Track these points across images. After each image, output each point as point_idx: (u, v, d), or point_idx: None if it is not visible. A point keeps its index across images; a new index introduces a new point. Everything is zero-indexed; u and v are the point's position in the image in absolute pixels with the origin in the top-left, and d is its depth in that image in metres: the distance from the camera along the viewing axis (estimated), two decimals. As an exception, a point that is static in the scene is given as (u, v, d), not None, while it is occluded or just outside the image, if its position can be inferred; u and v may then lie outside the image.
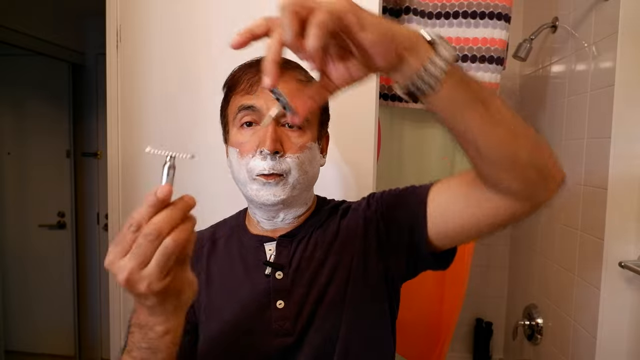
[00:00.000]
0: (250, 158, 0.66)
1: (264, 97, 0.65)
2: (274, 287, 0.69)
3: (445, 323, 1.38)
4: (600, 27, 1.21)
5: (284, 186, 0.66)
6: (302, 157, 0.67)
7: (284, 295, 0.68)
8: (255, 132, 0.67)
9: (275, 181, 0.66)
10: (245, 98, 0.67)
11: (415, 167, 1.35)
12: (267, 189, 0.66)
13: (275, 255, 0.71)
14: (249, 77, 0.67)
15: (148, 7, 1.10)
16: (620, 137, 1.11)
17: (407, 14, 1.23)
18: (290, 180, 0.67)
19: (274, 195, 0.66)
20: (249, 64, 0.70)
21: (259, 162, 0.65)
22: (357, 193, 1.05)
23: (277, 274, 0.69)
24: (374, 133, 1.04)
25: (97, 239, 2.70)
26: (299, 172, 0.67)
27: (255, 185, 0.67)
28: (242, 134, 0.68)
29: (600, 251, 1.15)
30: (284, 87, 0.60)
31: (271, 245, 0.72)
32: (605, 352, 1.15)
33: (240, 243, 0.75)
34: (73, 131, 2.62)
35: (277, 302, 0.68)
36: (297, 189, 0.68)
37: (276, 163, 0.65)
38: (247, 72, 0.68)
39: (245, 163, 0.67)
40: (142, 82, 1.12)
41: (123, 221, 1.15)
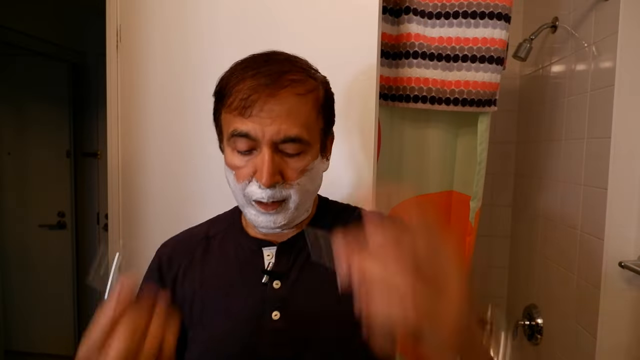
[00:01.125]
0: (247, 184, 0.62)
1: (259, 122, 0.59)
2: (270, 297, 0.65)
3: (445, 323, 1.37)
4: (600, 27, 1.21)
5: (285, 213, 0.63)
6: (303, 181, 0.63)
7: (280, 306, 0.65)
8: (251, 159, 0.61)
9: (276, 210, 0.62)
10: (238, 121, 0.60)
11: (415, 167, 1.35)
12: (267, 217, 0.62)
13: (274, 263, 0.67)
14: (242, 95, 0.59)
15: (148, 7, 1.10)
16: (620, 137, 1.11)
17: (407, 14, 1.23)
18: (292, 205, 0.63)
19: (274, 222, 0.63)
20: (241, 72, 0.61)
21: (256, 190, 0.61)
22: (357, 193, 1.05)
23: (274, 283, 0.66)
24: (374, 133, 1.04)
25: (97, 239, 2.70)
26: (300, 196, 0.63)
27: (254, 210, 0.63)
28: (237, 158, 0.62)
29: (600, 251, 1.15)
30: (282, 106, 0.58)
31: (270, 250, 0.69)
32: (605, 352, 1.15)
33: (237, 245, 0.71)
34: (73, 131, 2.62)
35: (273, 313, 0.65)
36: (299, 210, 0.64)
37: (275, 192, 0.61)
38: (238, 88, 0.60)
39: (242, 188, 0.63)
40: (142, 82, 1.12)
41: (123, 221, 1.16)
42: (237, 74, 0.61)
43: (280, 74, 0.59)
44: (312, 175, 0.64)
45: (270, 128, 0.59)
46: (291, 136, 0.60)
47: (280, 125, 0.59)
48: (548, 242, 1.53)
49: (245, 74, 0.60)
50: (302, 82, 0.61)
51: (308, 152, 0.63)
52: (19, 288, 2.65)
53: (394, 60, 1.27)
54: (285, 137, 0.59)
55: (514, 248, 1.90)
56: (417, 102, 1.25)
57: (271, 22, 1.04)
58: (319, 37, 1.03)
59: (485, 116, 1.27)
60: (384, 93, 1.27)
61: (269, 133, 0.59)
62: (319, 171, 0.67)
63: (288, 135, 0.59)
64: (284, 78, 0.59)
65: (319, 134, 0.65)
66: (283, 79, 0.59)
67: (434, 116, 1.32)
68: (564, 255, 1.39)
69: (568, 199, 1.37)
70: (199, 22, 1.08)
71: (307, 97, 0.61)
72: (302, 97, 0.61)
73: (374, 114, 1.04)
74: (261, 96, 0.58)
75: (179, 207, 1.12)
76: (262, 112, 0.58)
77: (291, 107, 0.59)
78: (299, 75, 0.61)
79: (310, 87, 0.63)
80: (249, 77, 0.60)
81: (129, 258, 1.17)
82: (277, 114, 0.58)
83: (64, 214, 2.63)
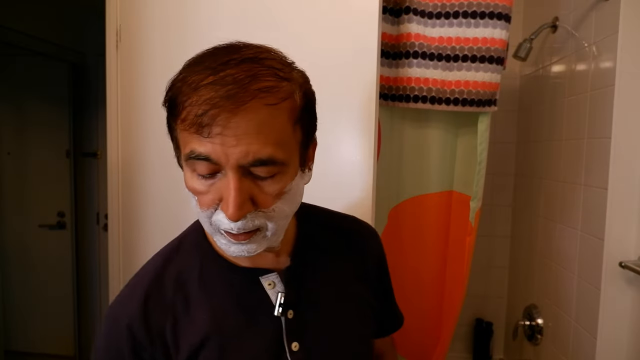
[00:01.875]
0: (213, 212, 0.51)
1: (221, 142, 0.47)
2: (288, 329, 0.59)
3: (445, 323, 1.38)
4: (600, 27, 1.21)
5: (260, 241, 0.53)
6: (279, 205, 0.52)
7: (299, 335, 0.60)
8: (215, 183, 0.50)
9: (249, 240, 0.52)
10: (195, 141, 0.48)
11: (415, 167, 1.35)
12: (239, 246, 0.52)
13: (286, 291, 0.60)
14: (197, 109, 0.46)
15: (148, 7, 1.10)
16: (620, 137, 1.11)
17: (407, 14, 1.23)
18: (268, 233, 0.53)
19: (248, 252, 0.53)
20: (196, 76, 0.48)
21: (223, 219, 0.50)
22: (357, 193, 1.05)
23: (288, 313, 0.60)
24: (374, 133, 1.04)
25: (97, 239, 2.69)
26: (277, 222, 0.53)
27: (224, 240, 0.53)
28: (197, 182, 0.51)
29: (600, 251, 1.15)
30: (249, 121, 0.47)
31: (269, 279, 0.60)
32: (605, 352, 1.15)
33: (225, 281, 0.60)
34: (73, 131, 2.62)
35: (293, 345, 0.59)
36: (276, 235, 0.55)
37: (247, 222, 0.50)
38: (193, 100, 0.47)
39: (207, 216, 0.52)
40: (142, 82, 1.12)
41: (123, 221, 1.16)
42: (191, 79, 0.48)
43: (248, 79, 0.47)
44: (291, 196, 0.54)
45: (236, 150, 0.47)
46: (262, 158, 0.48)
47: (248, 145, 0.47)
48: (548, 242, 1.53)
49: (200, 82, 0.47)
50: (274, 89, 0.49)
51: (285, 173, 0.52)
52: (19, 288, 2.65)
53: (394, 60, 1.27)
54: (255, 160, 0.48)
55: (514, 248, 1.90)
56: (417, 102, 1.25)
57: (271, 22, 1.04)
58: (319, 37, 1.03)
59: (485, 116, 1.27)
60: (384, 93, 1.27)
61: (235, 156, 0.47)
62: (298, 189, 0.56)
63: (258, 157, 0.48)
64: (251, 85, 0.47)
65: (297, 149, 0.54)
66: (250, 87, 0.47)
67: (434, 116, 1.32)
68: (564, 255, 1.39)
69: (568, 199, 1.37)
70: (198, 22, 1.08)
71: (280, 107, 0.49)
72: (274, 108, 0.48)
73: (374, 114, 1.03)
74: (222, 111, 0.46)
75: (178, 207, 1.12)
76: (225, 130, 0.46)
77: (261, 121, 0.47)
78: (269, 80, 0.48)
79: (284, 94, 0.50)
80: (205, 85, 0.47)
81: (129, 258, 1.17)
82: (243, 131, 0.46)
83: (64, 214, 2.63)
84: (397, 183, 1.37)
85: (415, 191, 1.37)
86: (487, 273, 1.94)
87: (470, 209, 1.30)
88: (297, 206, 0.58)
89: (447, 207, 1.37)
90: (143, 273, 0.62)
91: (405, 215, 1.37)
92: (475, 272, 1.86)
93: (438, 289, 1.38)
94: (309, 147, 0.58)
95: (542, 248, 1.58)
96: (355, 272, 0.69)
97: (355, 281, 0.69)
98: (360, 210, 1.04)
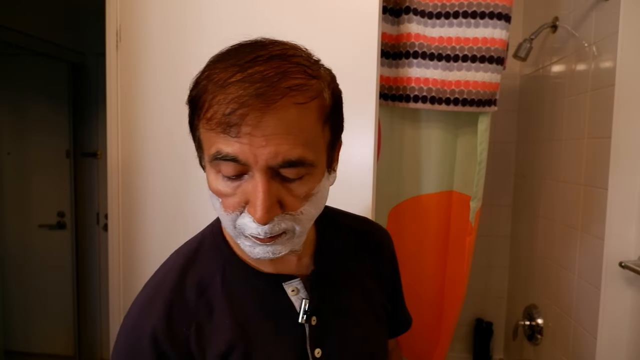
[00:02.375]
0: (238, 215, 0.50)
1: (249, 142, 0.45)
2: (311, 336, 0.59)
3: (445, 323, 1.38)
4: (600, 27, 1.21)
5: (285, 242, 0.52)
6: (307, 208, 0.51)
7: (321, 342, 0.59)
8: (241, 185, 0.48)
9: (274, 242, 0.50)
10: (222, 141, 0.46)
11: (415, 167, 1.35)
12: (264, 247, 0.51)
13: (310, 298, 0.59)
14: (225, 108, 0.45)
15: (148, 7, 1.10)
16: (620, 137, 1.11)
17: (407, 14, 1.23)
18: (295, 235, 0.52)
19: (273, 253, 0.51)
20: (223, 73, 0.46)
21: (249, 223, 0.49)
22: (357, 193, 1.05)
23: (312, 320, 0.59)
24: (374, 133, 1.04)
25: (97, 239, 2.69)
26: (304, 226, 0.52)
27: (249, 242, 0.51)
28: (222, 184, 0.49)
29: (600, 251, 1.15)
30: (279, 121, 0.45)
31: (292, 285, 0.59)
32: (605, 352, 1.15)
33: (248, 287, 0.58)
34: (73, 131, 2.62)
35: (316, 351, 0.59)
36: (301, 237, 0.54)
37: (274, 225, 0.49)
38: (220, 99, 0.45)
39: (232, 220, 0.50)
40: (142, 82, 1.12)
41: (123, 221, 1.16)
42: (216, 77, 0.47)
43: (277, 77, 0.45)
44: (318, 199, 0.52)
45: (265, 150, 0.45)
46: (292, 159, 0.46)
47: (277, 146, 0.45)
48: (548, 242, 1.53)
49: (227, 79, 0.46)
50: (304, 87, 0.47)
51: (313, 174, 0.50)
52: (19, 288, 2.65)
53: (394, 60, 1.27)
54: (284, 161, 0.46)
55: (514, 248, 1.90)
56: (417, 102, 1.25)
57: (271, 22, 1.05)
58: (319, 37, 1.03)
59: (485, 116, 1.27)
60: (384, 93, 1.27)
61: (264, 157, 0.45)
62: (325, 191, 0.55)
63: (288, 158, 0.46)
64: (281, 83, 0.45)
65: (325, 150, 0.52)
66: (280, 85, 0.45)
67: (434, 116, 1.32)
68: (564, 255, 1.39)
69: (568, 199, 1.37)
70: (198, 22, 1.08)
71: (309, 106, 0.48)
72: (304, 107, 0.47)
73: (374, 114, 1.04)
74: (251, 110, 0.44)
75: (178, 207, 1.12)
76: (254, 130, 0.45)
77: (290, 121, 0.46)
78: (299, 78, 0.47)
79: (314, 92, 0.48)
80: (233, 83, 0.45)
81: (129, 258, 1.17)
82: (272, 131, 0.45)
83: (64, 214, 2.63)
84: (397, 183, 1.36)
85: (415, 191, 1.37)
86: (487, 273, 1.94)
87: (470, 209, 1.30)
88: (322, 208, 0.56)
89: (447, 207, 1.37)
90: (162, 278, 0.59)
91: (405, 215, 1.37)
92: (475, 272, 1.86)
93: (438, 289, 1.38)
94: (336, 147, 0.57)
95: (542, 248, 1.58)
96: (371, 274, 0.70)
97: (371, 283, 0.69)
98: (360, 210, 1.04)
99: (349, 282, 0.66)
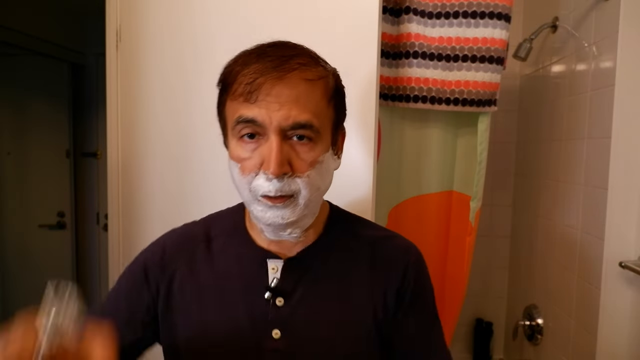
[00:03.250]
0: (253, 177, 0.57)
1: (266, 107, 0.55)
2: (273, 315, 0.62)
3: (445, 323, 1.37)
4: (600, 27, 1.21)
5: (293, 208, 0.58)
6: (313, 174, 0.58)
7: (282, 325, 0.62)
8: (257, 148, 0.57)
9: (284, 204, 0.57)
10: (243, 107, 0.56)
11: (415, 167, 1.35)
12: (274, 211, 0.57)
13: (279, 279, 0.63)
14: (247, 79, 0.55)
15: (148, 7, 1.10)
16: (620, 137, 1.11)
17: (407, 14, 1.23)
18: (301, 200, 0.58)
19: (282, 218, 0.58)
20: (246, 57, 0.58)
21: (263, 183, 0.56)
22: (357, 193, 1.05)
23: (277, 300, 0.63)
24: (374, 133, 1.04)
25: (97, 239, 2.70)
26: (310, 191, 0.58)
27: (260, 206, 0.58)
28: (242, 148, 0.58)
29: (600, 251, 1.15)
30: (291, 90, 0.55)
31: (275, 263, 0.64)
32: (605, 352, 1.15)
33: (240, 252, 0.67)
34: (73, 131, 2.62)
35: (274, 331, 0.62)
36: (308, 208, 0.60)
37: (284, 184, 0.56)
38: (244, 72, 0.56)
39: (248, 182, 0.58)
40: (142, 82, 1.12)
41: (123, 221, 1.15)
42: (241, 59, 0.58)
43: (288, 57, 0.56)
44: (323, 169, 0.60)
45: (279, 113, 0.54)
46: (301, 122, 0.55)
47: (289, 110, 0.55)
48: (548, 242, 1.53)
49: (250, 59, 0.57)
50: (312, 67, 0.58)
51: (318, 143, 0.58)
52: (19, 288, 2.65)
53: (394, 60, 1.27)
54: (294, 123, 0.55)
55: (514, 248, 1.90)
56: (417, 102, 1.25)
57: (271, 22, 1.04)
58: (319, 37, 1.03)
59: (485, 116, 1.27)
60: (384, 93, 1.27)
61: (277, 119, 0.54)
62: (329, 167, 0.62)
63: (298, 121, 0.55)
64: (292, 61, 0.56)
65: (329, 125, 0.61)
66: (291, 62, 0.56)
67: (434, 116, 1.32)
68: (564, 255, 1.39)
69: (568, 199, 1.37)
70: (199, 23, 1.08)
71: (317, 83, 0.58)
72: (312, 83, 0.57)
73: (374, 114, 1.03)
74: (268, 79, 0.54)
75: (178, 207, 1.12)
76: (269, 97, 0.55)
77: (300, 92, 0.56)
78: (307, 60, 0.58)
79: (321, 73, 0.59)
80: (254, 60, 0.56)
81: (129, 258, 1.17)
82: (285, 98, 0.55)
83: (64, 214, 2.63)
84: (397, 183, 1.36)
85: (415, 191, 1.37)
86: (487, 273, 1.94)
87: (470, 209, 1.30)
88: (327, 187, 0.63)
89: (447, 207, 1.37)
90: (183, 226, 0.73)
91: (405, 215, 1.37)
92: (475, 272, 1.86)
93: (438, 289, 1.38)
94: (339, 129, 0.66)
95: (542, 248, 1.58)
96: (368, 283, 0.66)
97: (365, 296, 0.66)
98: (360, 210, 1.04)
99: (335, 284, 0.65)
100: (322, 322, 0.63)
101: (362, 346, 0.65)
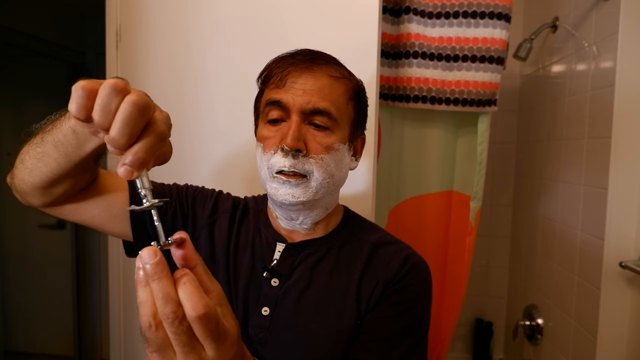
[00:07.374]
0: (272, 154, 0.64)
1: (292, 92, 0.63)
2: (265, 292, 0.66)
3: (445, 323, 1.38)
4: (600, 27, 1.21)
5: (305, 188, 0.63)
6: (327, 158, 0.64)
7: (272, 304, 0.66)
8: (279, 129, 0.64)
9: (296, 182, 0.63)
10: (274, 92, 0.65)
11: (415, 167, 1.35)
12: (287, 188, 0.63)
13: (278, 261, 0.69)
14: (280, 69, 0.65)
15: (148, 7, 1.10)
16: (620, 137, 1.11)
17: (407, 14, 1.23)
18: (313, 183, 0.63)
19: (293, 196, 0.63)
20: (283, 56, 0.68)
21: (279, 159, 0.63)
22: (356, 193, 1.05)
23: (272, 281, 0.67)
24: (374, 133, 1.04)
25: (97, 239, 2.69)
26: (322, 175, 0.64)
27: (275, 183, 0.64)
28: (267, 129, 0.66)
29: (600, 251, 1.15)
30: (315, 81, 0.64)
31: (282, 247, 0.70)
32: (605, 352, 1.15)
33: (258, 230, 0.73)
34: (73, 131, 2.62)
35: (263, 308, 0.66)
36: (320, 193, 0.65)
37: (297, 162, 0.62)
38: (279, 65, 0.66)
39: (267, 159, 0.64)
40: (142, 82, 1.12)
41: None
42: (278, 59, 0.68)
43: (318, 56, 0.66)
44: (337, 157, 0.65)
45: (301, 99, 0.62)
46: (320, 108, 0.63)
47: (311, 96, 0.63)
48: (548, 242, 1.53)
49: (285, 58, 0.67)
50: (337, 68, 0.67)
51: (335, 131, 0.65)
52: (19, 288, 2.65)
53: (394, 60, 1.27)
54: (314, 108, 0.63)
55: (514, 248, 1.90)
56: (417, 102, 1.25)
57: (271, 22, 1.04)
58: (319, 37, 1.03)
59: (485, 116, 1.27)
60: (384, 93, 1.27)
61: (300, 102, 0.62)
62: (344, 158, 0.67)
63: (317, 106, 0.63)
64: (321, 60, 0.66)
65: (347, 121, 0.67)
66: (320, 60, 0.66)
67: (434, 116, 1.32)
68: (564, 255, 1.39)
69: (568, 199, 1.37)
70: (199, 22, 1.08)
71: (340, 80, 0.66)
72: (335, 79, 0.65)
73: (374, 114, 1.03)
74: (296, 69, 0.64)
75: (179, 207, 1.12)
76: (295, 84, 0.63)
77: (324, 84, 0.64)
78: (335, 64, 0.68)
79: (345, 74, 0.67)
80: (289, 58, 0.66)
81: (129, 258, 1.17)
82: (309, 87, 0.63)
83: (64, 214, 2.63)
84: (397, 183, 1.36)
85: (415, 191, 1.37)
86: (487, 273, 1.95)
87: (470, 209, 1.30)
88: (340, 180, 0.69)
89: (447, 207, 1.37)
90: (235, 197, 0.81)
91: (405, 215, 1.37)
92: (475, 272, 1.86)
93: (438, 289, 1.38)
94: (358, 131, 0.72)
95: (542, 248, 1.58)
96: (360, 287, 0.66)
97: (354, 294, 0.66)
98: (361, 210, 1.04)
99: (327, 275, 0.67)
100: (310, 307, 0.65)
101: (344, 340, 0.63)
